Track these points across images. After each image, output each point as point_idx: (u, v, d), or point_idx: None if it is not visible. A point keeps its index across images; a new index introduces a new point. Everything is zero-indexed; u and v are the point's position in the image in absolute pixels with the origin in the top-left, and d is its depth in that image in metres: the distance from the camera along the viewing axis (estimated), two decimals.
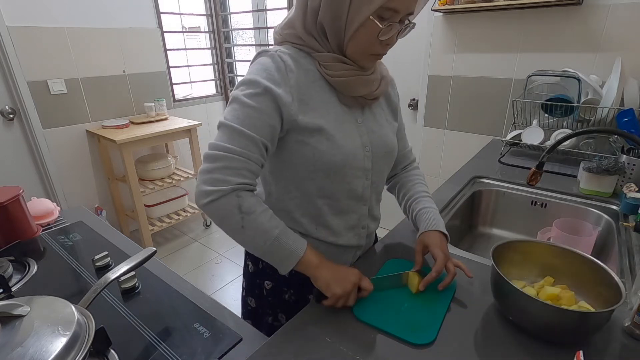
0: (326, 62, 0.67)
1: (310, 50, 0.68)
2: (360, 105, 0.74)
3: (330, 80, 0.68)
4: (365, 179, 0.75)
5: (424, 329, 0.62)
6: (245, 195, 0.61)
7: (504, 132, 1.82)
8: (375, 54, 0.66)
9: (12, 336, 0.47)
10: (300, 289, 0.82)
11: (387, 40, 0.64)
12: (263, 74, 0.63)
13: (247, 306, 0.92)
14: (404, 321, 0.64)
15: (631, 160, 1.10)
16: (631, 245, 0.87)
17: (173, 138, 2.51)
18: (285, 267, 0.65)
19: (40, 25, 2.09)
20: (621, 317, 0.63)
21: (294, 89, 0.64)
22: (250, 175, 0.62)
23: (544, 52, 1.64)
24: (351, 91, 0.70)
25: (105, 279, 0.63)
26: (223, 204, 0.60)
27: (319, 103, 0.68)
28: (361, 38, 0.63)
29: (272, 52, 0.65)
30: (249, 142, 0.61)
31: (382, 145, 0.76)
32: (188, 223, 2.91)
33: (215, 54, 3.12)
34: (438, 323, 0.64)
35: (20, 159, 2.20)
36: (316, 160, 0.68)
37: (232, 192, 0.60)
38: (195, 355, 0.61)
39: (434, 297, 0.70)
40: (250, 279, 0.89)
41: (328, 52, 0.68)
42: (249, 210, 0.61)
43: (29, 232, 1.01)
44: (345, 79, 0.68)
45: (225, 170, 0.60)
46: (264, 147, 0.63)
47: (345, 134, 0.69)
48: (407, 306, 0.68)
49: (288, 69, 0.64)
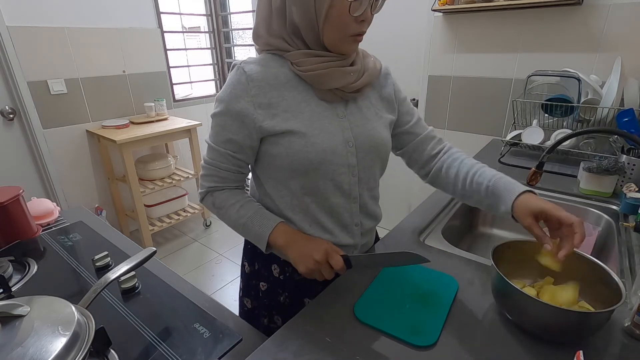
0: (297, 59, 0.67)
1: (282, 53, 0.69)
2: (342, 100, 0.72)
3: (303, 76, 0.68)
4: (351, 175, 0.73)
5: (425, 331, 0.62)
6: (217, 194, 0.75)
7: (504, 132, 1.82)
8: (353, 34, 0.65)
9: (12, 336, 0.47)
10: (295, 292, 0.82)
11: (362, 16, 0.63)
12: (227, 90, 0.69)
13: (243, 307, 0.92)
14: (406, 323, 0.64)
15: (631, 160, 1.10)
16: (631, 245, 0.87)
17: (173, 138, 2.51)
18: (263, 249, 0.73)
19: (40, 25, 2.09)
20: (621, 317, 0.63)
21: (257, 97, 0.67)
22: (219, 180, 0.74)
23: (544, 52, 1.64)
24: (326, 84, 0.69)
25: (105, 279, 0.63)
26: (205, 202, 0.78)
27: (291, 104, 0.68)
28: (334, 20, 0.63)
29: (238, 64, 0.69)
30: (217, 154, 0.72)
31: (367, 140, 0.73)
32: (188, 223, 2.91)
33: (215, 54, 3.12)
34: (440, 324, 0.63)
35: (20, 159, 2.20)
36: (291, 160, 0.68)
37: (206, 193, 0.76)
38: (195, 355, 0.61)
39: (436, 298, 0.70)
40: (247, 279, 0.89)
41: (297, 49, 0.68)
42: (220, 205, 0.75)
43: (29, 232, 1.01)
44: (318, 72, 0.67)
45: (203, 177, 0.76)
46: (232, 157, 0.71)
47: (322, 130, 0.69)
48: (408, 307, 0.68)
49: (249, 79, 0.67)
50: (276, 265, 0.82)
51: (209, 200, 0.76)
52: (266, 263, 0.84)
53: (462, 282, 0.74)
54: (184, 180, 2.61)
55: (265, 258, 0.83)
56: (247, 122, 0.68)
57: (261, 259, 0.84)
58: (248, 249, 0.88)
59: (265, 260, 0.84)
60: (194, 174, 2.66)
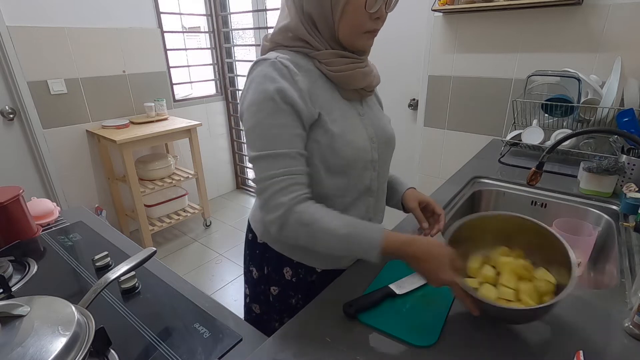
0: (326, 59, 0.67)
1: (308, 51, 0.68)
2: (360, 99, 0.75)
3: (331, 76, 0.68)
4: (372, 170, 0.75)
5: (426, 331, 0.62)
6: (301, 209, 0.62)
7: (504, 132, 1.82)
8: (368, 31, 0.66)
9: (12, 336, 0.47)
10: (308, 293, 0.81)
11: (377, 13, 0.64)
12: (270, 86, 0.62)
13: (251, 313, 0.91)
14: (407, 322, 0.64)
15: (631, 160, 1.10)
16: (631, 245, 0.87)
17: (173, 138, 2.51)
18: (374, 256, 0.62)
19: (40, 25, 2.09)
20: (621, 317, 0.63)
21: (304, 92, 0.64)
22: (299, 187, 0.63)
23: (544, 52, 1.64)
24: (352, 84, 0.70)
25: (105, 279, 0.63)
26: (289, 228, 0.63)
27: (324, 102, 0.68)
28: (350, 16, 0.63)
29: (271, 59, 0.64)
30: (285, 160, 0.62)
31: (384, 135, 0.77)
32: (188, 223, 2.91)
33: (215, 54, 3.12)
34: (440, 324, 0.63)
35: (20, 159, 2.20)
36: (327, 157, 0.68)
37: (288, 212, 0.62)
38: (195, 355, 0.61)
39: (436, 298, 0.70)
40: (255, 285, 0.88)
41: (325, 49, 0.68)
42: (310, 221, 0.62)
43: (29, 232, 1.01)
44: (347, 72, 0.68)
45: (275, 195, 0.62)
46: (301, 155, 0.64)
47: (353, 128, 0.70)
48: (408, 307, 0.68)
49: (292, 73, 0.64)
50: (288, 268, 0.81)
51: (292, 220, 0.62)
52: (277, 267, 0.82)
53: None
54: (184, 180, 2.60)
55: (276, 262, 0.82)
56: (302, 115, 0.64)
57: (272, 263, 0.83)
58: (256, 254, 0.86)
59: (276, 264, 0.82)
60: (194, 173, 2.66)
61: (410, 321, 0.64)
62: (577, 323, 0.63)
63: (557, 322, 0.63)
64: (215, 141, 3.27)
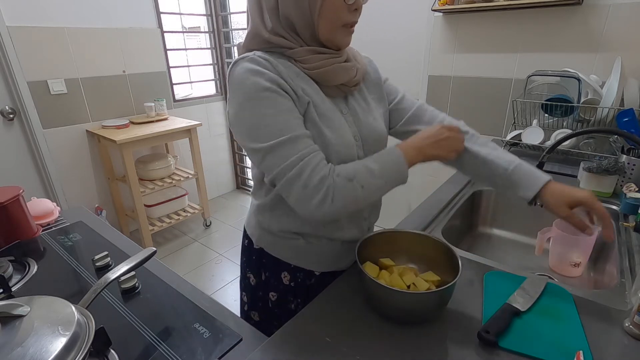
0: (302, 57, 0.67)
1: (282, 50, 0.67)
2: (343, 95, 0.73)
3: (310, 74, 0.67)
4: None
5: (573, 349, 0.57)
6: (339, 171, 0.63)
7: (504, 132, 1.82)
8: (346, 23, 0.66)
9: (12, 336, 0.47)
10: (307, 297, 0.80)
11: (354, 5, 0.64)
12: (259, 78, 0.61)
13: (249, 320, 0.89)
14: (550, 342, 0.59)
15: (631, 160, 1.10)
16: (631, 245, 0.87)
17: (173, 138, 2.51)
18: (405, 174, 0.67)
19: (40, 25, 2.09)
20: (621, 317, 0.63)
21: (291, 81, 0.64)
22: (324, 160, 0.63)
23: (544, 52, 1.64)
24: (332, 80, 0.69)
25: (105, 279, 0.63)
26: (339, 193, 0.61)
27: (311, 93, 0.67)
28: (329, 10, 0.63)
29: (249, 55, 0.64)
30: (304, 139, 0.62)
31: (370, 133, 0.75)
32: (188, 223, 2.91)
33: (215, 54, 3.12)
34: (583, 341, 0.59)
35: (20, 159, 2.20)
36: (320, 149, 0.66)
37: (333, 179, 0.61)
38: (195, 355, 0.61)
39: (556, 311, 0.65)
40: (253, 292, 0.88)
41: (300, 46, 0.67)
42: (352, 173, 0.63)
43: (29, 232, 1.01)
44: (325, 68, 0.67)
45: (313, 173, 0.60)
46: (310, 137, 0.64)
47: (335, 127, 0.69)
48: (540, 325, 0.63)
49: (274, 65, 0.64)
50: (286, 272, 0.81)
51: (339, 182, 0.61)
52: (275, 271, 0.82)
53: (462, 282, 0.74)
54: (184, 180, 2.60)
55: (273, 266, 0.82)
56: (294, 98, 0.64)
57: (270, 268, 0.83)
58: (253, 260, 0.85)
59: (274, 269, 0.82)
60: (194, 173, 2.66)
61: (552, 339, 0.59)
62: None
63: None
64: (215, 141, 3.27)
